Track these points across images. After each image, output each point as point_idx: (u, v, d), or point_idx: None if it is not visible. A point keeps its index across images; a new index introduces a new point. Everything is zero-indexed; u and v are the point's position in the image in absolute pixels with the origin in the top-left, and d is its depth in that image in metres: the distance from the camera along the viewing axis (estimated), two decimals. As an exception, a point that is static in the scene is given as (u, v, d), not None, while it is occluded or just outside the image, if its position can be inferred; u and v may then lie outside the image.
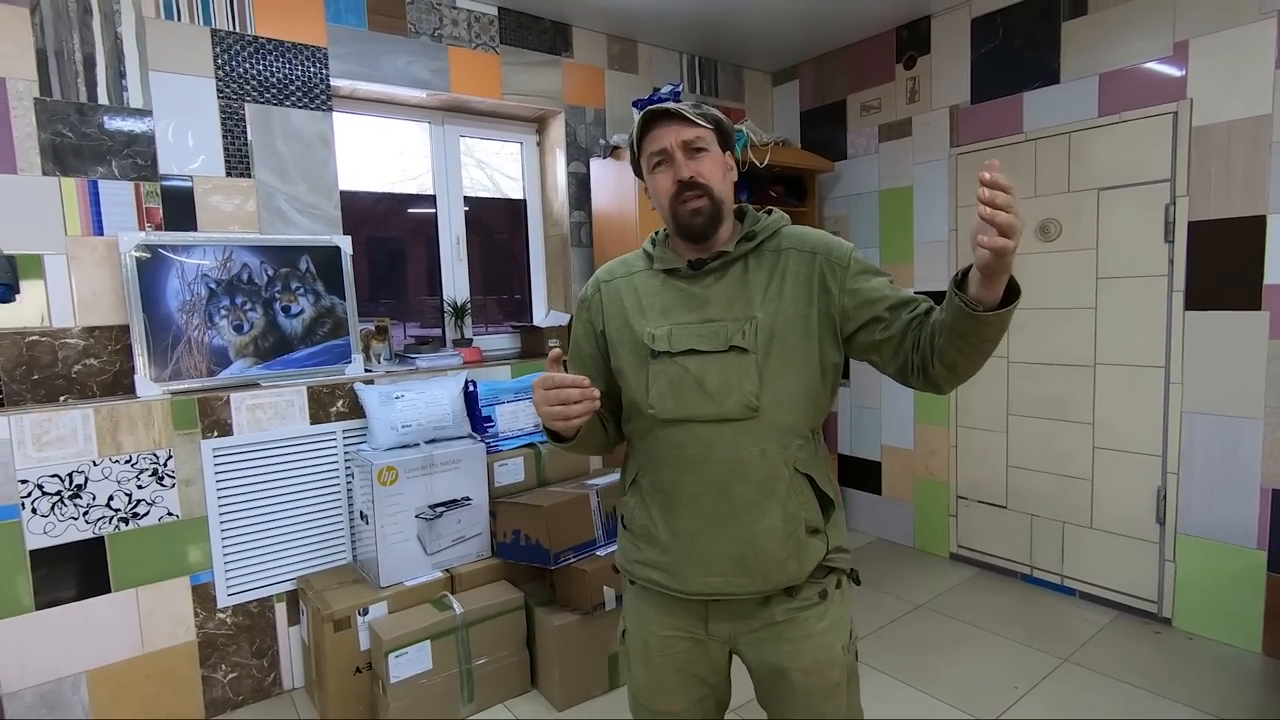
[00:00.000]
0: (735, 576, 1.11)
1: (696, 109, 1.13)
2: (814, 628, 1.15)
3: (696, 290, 1.15)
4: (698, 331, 1.12)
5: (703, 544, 1.12)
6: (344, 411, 2.43)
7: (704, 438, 1.10)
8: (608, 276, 1.26)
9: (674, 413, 1.12)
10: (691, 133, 1.12)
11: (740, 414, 1.09)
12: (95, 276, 2.12)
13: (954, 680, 2.32)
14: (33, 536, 1.95)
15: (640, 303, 1.18)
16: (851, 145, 3.57)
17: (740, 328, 1.10)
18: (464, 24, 2.82)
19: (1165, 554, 2.61)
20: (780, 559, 1.10)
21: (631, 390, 1.17)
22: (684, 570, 1.13)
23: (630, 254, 1.28)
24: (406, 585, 2.23)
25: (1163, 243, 2.54)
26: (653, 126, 1.13)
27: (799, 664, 1.15)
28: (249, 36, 2.35)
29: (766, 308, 1.11)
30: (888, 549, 3.48)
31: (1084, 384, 2.79)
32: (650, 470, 1.17)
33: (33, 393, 2.05)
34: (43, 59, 2.03)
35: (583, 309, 1.28)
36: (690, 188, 1.12)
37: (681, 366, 1.11)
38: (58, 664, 1.99)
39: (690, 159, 1.12)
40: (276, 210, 2.43)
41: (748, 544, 1.10)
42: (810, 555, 1.13)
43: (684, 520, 1.13)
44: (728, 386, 1.09)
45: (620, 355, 1.19)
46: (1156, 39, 2.51)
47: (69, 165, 2.08)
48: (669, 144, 1.12)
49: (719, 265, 1.14)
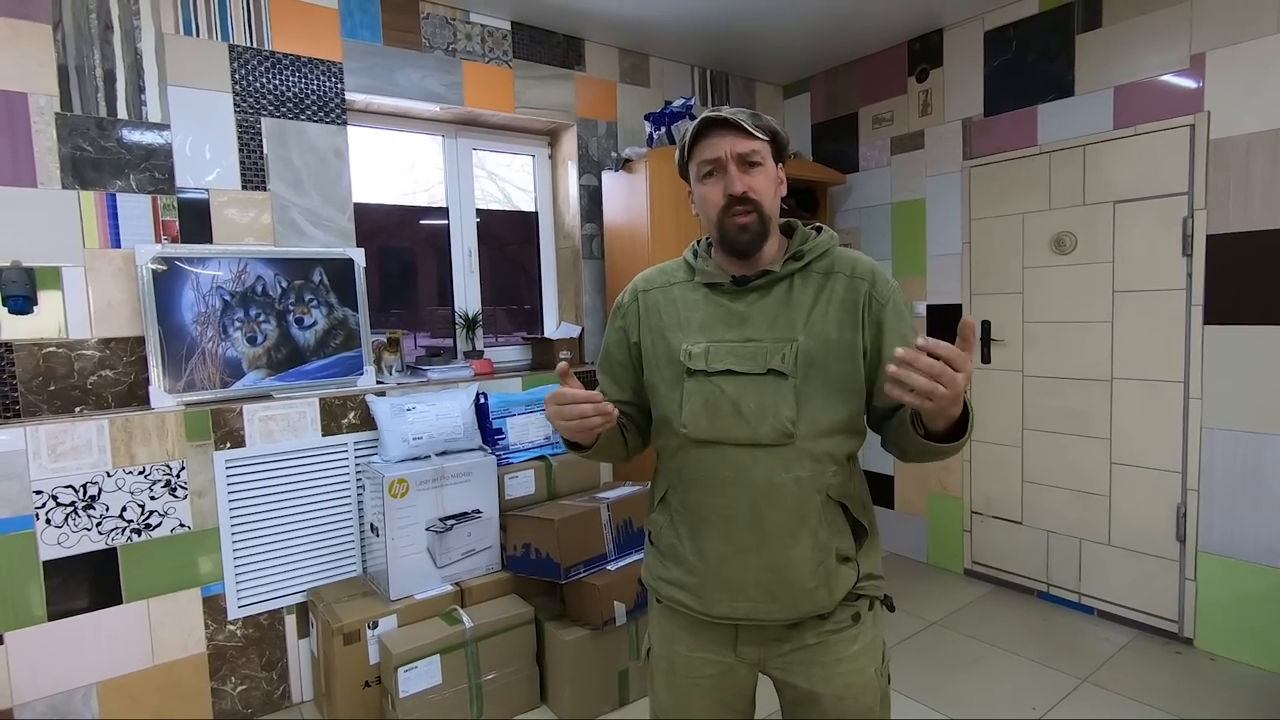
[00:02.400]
0: (763, 603, 1.08)
1: (755, 119, 1.08)
2: (846, 651, 1.12)
3: (738, 307, 1.11)
4: (736, 351, 1.08)
5: (731, 568, 1.09)
6: (355, 423, 2.43)
7: (736, 461, 1.07)
8: (646, 285, 1.22)
9: (707, 433, 1.09)
10: (748, 145, 1.07)
11: (775, 440, 1.05)
12: (112, 288, 2.14)
13: (970, 700, 2.28)
14: (46, 547, 1.95)
15: (679, 316, 1.15)
16: (863, 158, 3.56)
17: (780, 350, 1.07)
18: (477, 38, 2.85)
19: (1186, 572, 2.56)
20: (809, 588, 1.07)
21: (664, 406, 1.14)
22: (711, 593, 1.10)
23: (670, 262, 1.24)
24: (416, 598, 2.22)
25: (1180, 256, 2.51)
26: (708, 134, 1.09)
27: (831, 689, 1.11)
28: (266, 52, 2.38)
29: (810, 330, 1.08)
30: (900, 564, 3.44)
31: (1101, 399, 2.75)
32: (680, 489, 1.14)
33: (49, 403, 2.07)
34: (64, 74, 2.06)
35: (617, 315, 1.24)
36: (741, 202, 1.08)
37: (717, 387, 1.08)
38: (69, 675, 1.99)
39: (744, 172, 1.08)
40: (291, 223, 2.45)
41: (776, 572, 1.07)
42: (840, 584, 1.10)
43: (712, 543, 1.10)
44: (764, 410, 1.06)
45: (654, 369, 1.16)
46: (1173, 51, 2.49)
47: (88, 179, 2.10)
48: (723, 154, 1.07)
49: (764, 283, 1.11)
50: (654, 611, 1.25)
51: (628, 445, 1.23)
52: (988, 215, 3.07)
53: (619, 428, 1.20)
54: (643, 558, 1.28)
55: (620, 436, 1.20)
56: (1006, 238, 3.01)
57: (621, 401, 1.23)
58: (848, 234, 3.67)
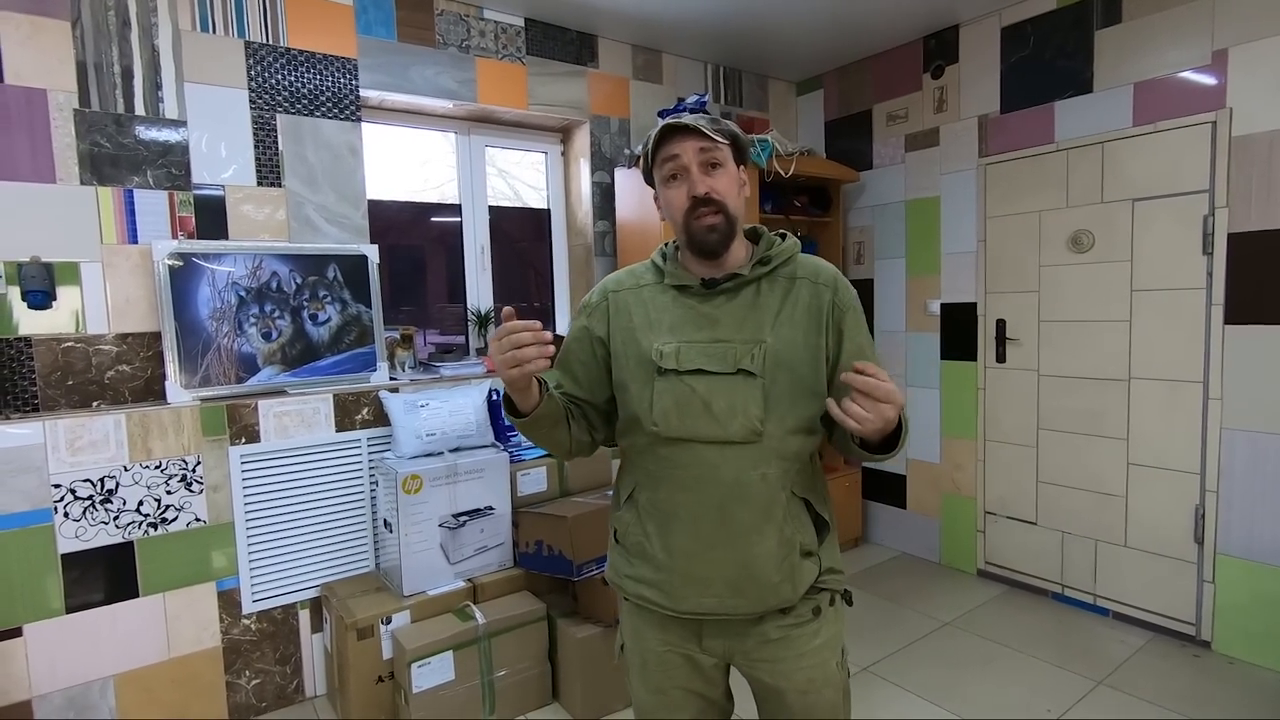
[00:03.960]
0: (729, 598, 1.11)
1: (715, 123, 1.11)
2: (808, 645, 1.16)
3: (707, 309, 1.14)
4: (706, 351, 1.11)
5: (699, 564, 1.12)
6: (369, 419, 2.44)
7: (706, 458, 1.10)
8: (616, 287, 1.23)
9: (677, 431, 1.11)
10: (709, 146, 1.10)
11: (744, 437, 1.09)
12: (129, 284, 2.15)
13: (984, 701, 2.26)
14: (64, 540, 1.97)
15: (649, 317, 1.17)
16: (877, 155, 3.54)
17: (749, 351, 1.10)
18: (491, 35, 2.85)
19: (1204, 574, 2.53)
20: (774, 582, 1.11)
21: (634, 405, 1.15)
22: (678, 589, 1.13)
23: (639, 265, 1.26)
24: (429, 594, 2.22)
25: (1201, 255, 2.48)
26: (670, 139, 1.11)
27: (794, 684, 1.15)
28: (281, 48, 2.38)
29: (777, 333, 1.11)
30: (913, 564, 3.42)
31: (1118, 399, 2.72)
32: (648, 487, 1.16)
33: (67, 398, 2.08)
34: (82, 71, 2.07)
35: (583, 314, 1.24)
36: (705, 204, 1.10)
37: (688, 386, 1.10)
38: (86, 667, 2.01)
39: (706, 174, 1.11)
40: (305, 219, 2.45)
41: (743, 567, 1.10)
42: (803, 578, 1.14)
43: (680, 539, 1.12)
44: (733, 409, 1.09)
45: (624, 368, 1.17)
46: (1194, 47, 2.46)
47: (106, 175, 2.11)
48: (686, 158, 1.10)
49: (732, 286, 1.13)
50: (623, 609, 1.27)
51: (571, 435, 1.19)
52: (1004, 213, 3.04)
53: (565, 412, 1.17)
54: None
55: (565, 421, 1.17)
56: (1023, 236, 2.98)
57: (575, 396, 1.22)
58: (861, 232, 3.65)
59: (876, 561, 3.47)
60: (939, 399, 3.34)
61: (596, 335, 1.21)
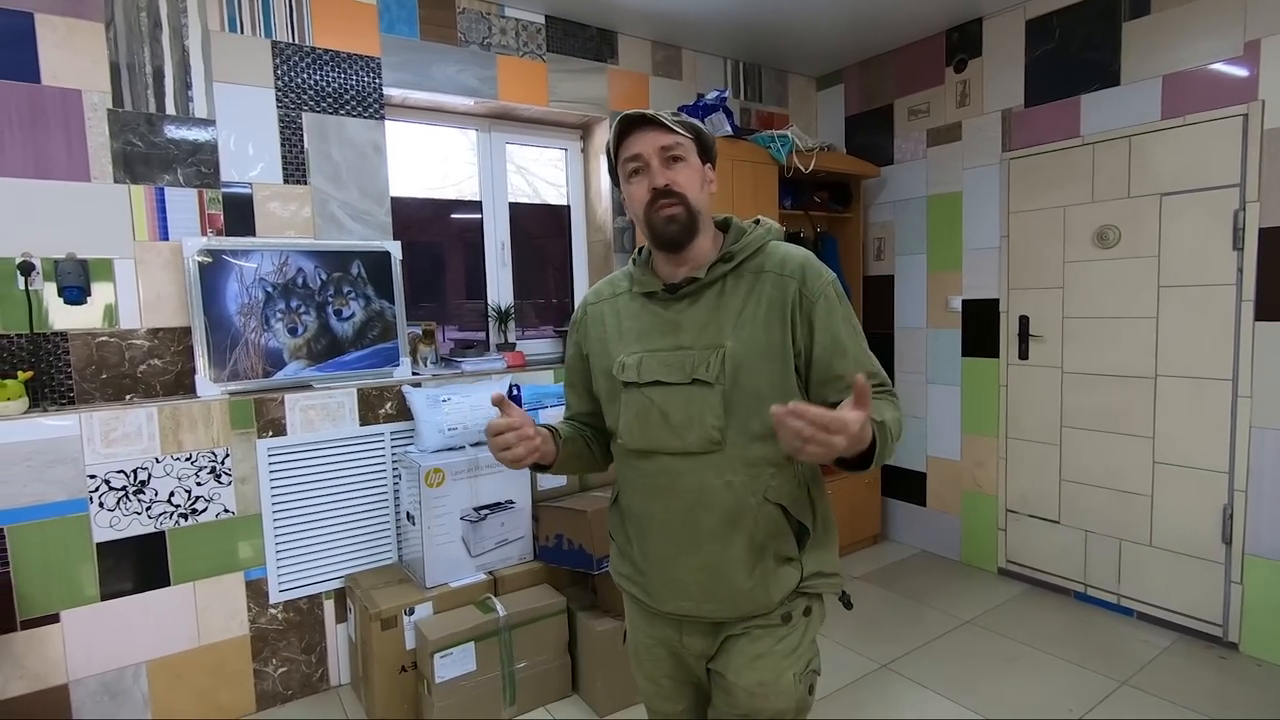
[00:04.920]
0: (704, 602, 1.12)
1: (675, 116, 1.10)
2: (766, 648, 1.12)
3: (671, 315, 1.12)
4: (666, 361, 1.10)
5: (673, 569, 1.13)
6: (392, 414, 2.47)
7: (670, 468, 1.10)
8: (595, 299, 1.25)
9: (641, 443, 1.12)
10: (669, 139, 1.08)
11: (703, 448, 1.07)
12: (160, 280, 2.20)
13: (1006, 700, 2.25)
14: (99, 530, 2.02)
15: (620, 327, 1.17)
16: (898, 150, 3.51)
17: (706, 358, 1.07)
18: (512, 33, 2.86)
19: (1231, 575, 2.49)
20: (745, 588, 1.09)
21: (608, 416, 1.19)
22: (657, 591, 1.16)
23: (619, 273, 1.26)
24: (451, 586, 2.25)
25: (1231, 250, 2.44)
26: (630, 133, 1.10)
27: (744, 681, 1.12)
28: (307, 48, 2.42)
29: (739, 334, 1.07)
30: (933, 562, 3.40)
31: (1144, 396, 2.69)
32: (626, 493, 1.19)
33: (101, 391, 2.14)
34: (115, 72, 2.12)
35: (572, 331, 1.29)
36: (665, 195, 1.08)
37: (648, 398, 1.10)
38: (120, 653, 2.06)
39: (666, 167, 1.08)
40: (330, 216, 2.49)
41: (713, 572, 1.10)
42: (779, 584, 1.10)
43: (654, 545, 1.15)
44: (690, 420, 1.07)
45: (598, 381, 1.20)
46: (1225, 39, 2.41)
47: (138, 173, 2.16)
48: (645, 151, 1.08)
49: (693, 290, 1.11)
50: (624, 600, 1.31)
51: (594, 455, 1.27)
52: (1027, 208, 3.00)
53: (584, 441, 1.24)
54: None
55: (588, 449, 1.25)
56: (1047, 231, 2.94)
57: (584, 414, 1.28)
58: (882, 227, 3.63)
59: (896, 559, 3.46)
60: (960, 396, 3.31)
61: (583, 351, 1.25)
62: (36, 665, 1.96)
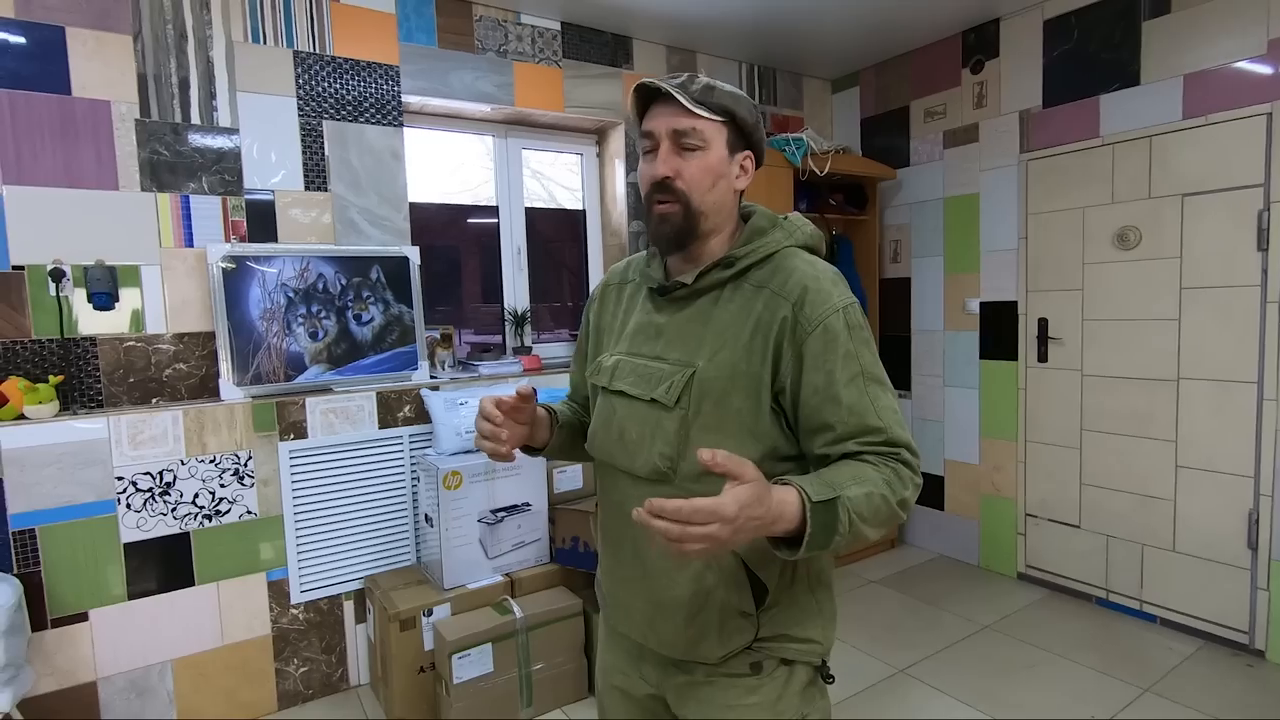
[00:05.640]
0: (649, 632, 1.00)
1: (706, 92, 0.91)
2: (738, 700, 0.96)
3: (659, 319, 0.99)
4: (640, 370, 0.97)
5: (624, 592, 1.03)
6: (410, 417, 2.50)
7: (621, 488, 0.99)
8: (609, 279, 1.14)
9: (600, 454, 1.03)
10: (687, 123, 0.90)
11: (649, 474, 0.93)
12: (185, 286, 2.25)
13: (1026, 706, 2.22)
14: (126, 530, 2.07)
15: (618, 320, 1.07)
16: (915, 152, 3.49)
17: (671, 377, 0.92)
18: (528, 39, 2.89)
19: (1258, 581, 2.45)
20: (687, 635, 0.95)
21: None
22: (613, 611, 1.07)
23: (640, 254, 1.10)
24: (469, 588, 2.27)
25: (1255, 251, 2.40)
26: (654, 107, 0.94)
27: None
28: (328, 57, 2.46)
29: (718, 357, 0.91)
30: (951, 567, 3.37)
31: (1166, 399, 2.65)
32: (599, 503, 1.10)
33: (128, 395, 2.18)
34: (143, 83, 2.17)
35: (589, 305, 1.17)
36: (662, 189, 0.92)
37: (611, 407, 1.00)
38: (146, 652, 2.11)
39: (676, 154, 0.91)
40: (350, 222, 2.53)
41: (656, 607, 0.97)
42: (728, 638, 0.94)
43: (611, 562, 1.06)
44: (642, 441, 0.94)
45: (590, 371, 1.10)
46: (1248, 37, 2.38)
47: (164, 182, 2.21)
48: (658, 130, 0.92)
49: (684, 294, 0.96)
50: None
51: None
52: (1046, 210, 2.98)
53: (583, 427, 1.14)
54: None
55: (581, 435, 1.14)
56: (1066, 233, 2.92)
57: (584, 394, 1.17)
58: (898, 230, 3.61)
59: (914, 563, 3.43)
60: (978, 399, 3.29)
61: (592, 327, 1.14)
62: (66, 663, 2.00)
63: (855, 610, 2.94)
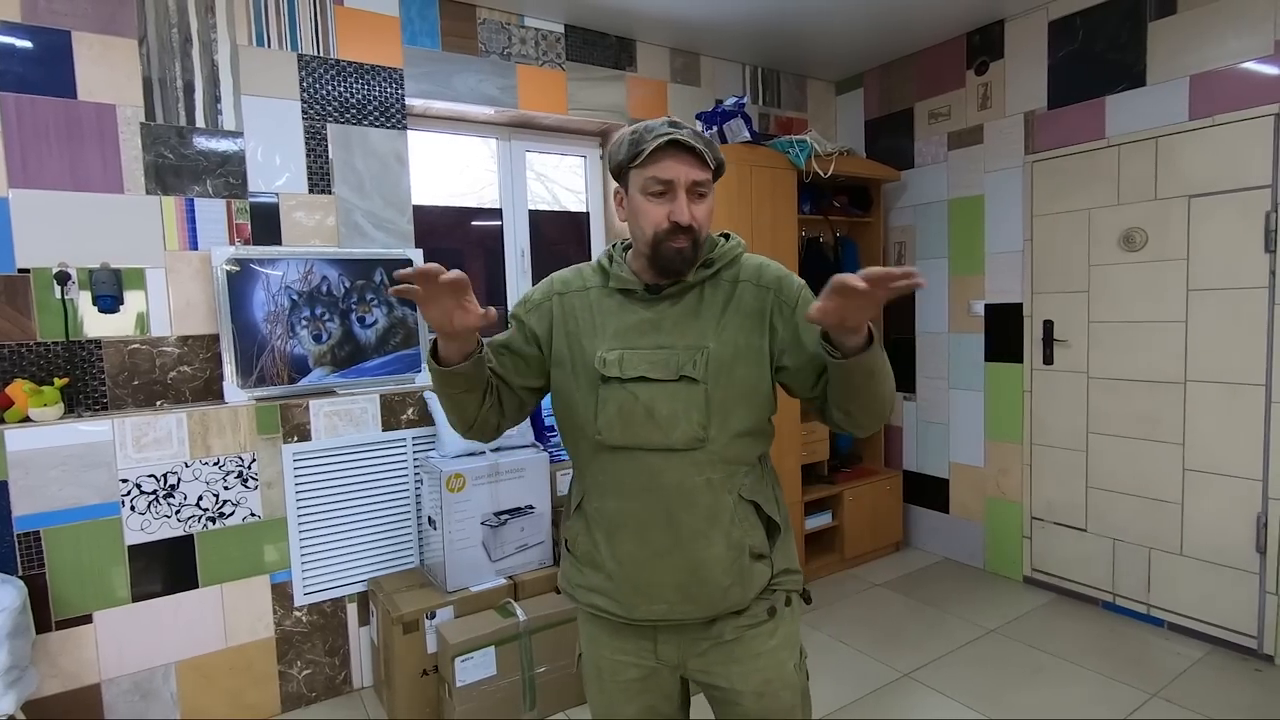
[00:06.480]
0: (680, 604, 1.11)
1: (710, 150, 1.10)
2: (764, 646, 1.16)
3: (651, 315, 1.14)
4: (649, 358, 1.11)
5: (648, 572, 1.11)
6: (414, 419, 2.50)
7: (651, 466, 1.10)
8: (563, 288, 1.21)
9: (622, 440, 1.11)
10: (702, 175, 1.10)
11: (687, 444, 1.09)
12: (190, 289, 2.25)
13: (1032, 710, 2.21)
14: (130, 532, 2.07)
15: (594, 322, 1.16)
16: (919, 154, 3.48)
17: (691, 357, 1.10)
18: (532, 42, 2.89)
19: (1266, 585, 2.43)
20: (724, 586, 1.11)
21: (579, 413, 1.14)
22: (629, 597, 1.13)
23: (585, 265, 1.25)
24: (472, 590, 2.27)
25: (1263, 253, 2.38)
26: (666, 153, 1.07)
27: (750, 685, 1.14)
28: (332, 60, 2.47)
29: (720, 337, 1.11)
30: (956, 570, 3.35)
31: (1173, 402, 2.63)
32: (596, 495, 1.16)
33: (133, 397, 2.19)
34: (148, 86, 2.18)
35: (521, 307, 1.20)
36: (685, 231, 1.08)
37: (631, 393, 1.10)
38: (150, 654, 2.11)
39: (694, 202, 1.10)
40: (354, 225, 2.53)
41: (692, 572, 1.10)
42: (754, 581, 1.14)
43: (629, 547, 1.12)
44: (675, 416, 1.09)
45: (567, 374, 1.15)
46: (1255, 37, 2.37)
47: (169, 185, 2.22)
48: (678, 179, 1.08)
49: (676, 291, 1.14)
50: (579, 618, 1.27)
51: (481, 408, 1.14)
52: (1051, 211, 2.97)
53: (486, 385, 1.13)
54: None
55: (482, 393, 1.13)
56: (1071, 234, 2.90)
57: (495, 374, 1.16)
58: (902, 231, 3.60)
59: (918, 566, 3.42)
60: (983, 401, 3.27)
61: (531, 330, 1.18)
62: (70, 665, 2.01)
63: (859, 613, 2.93)
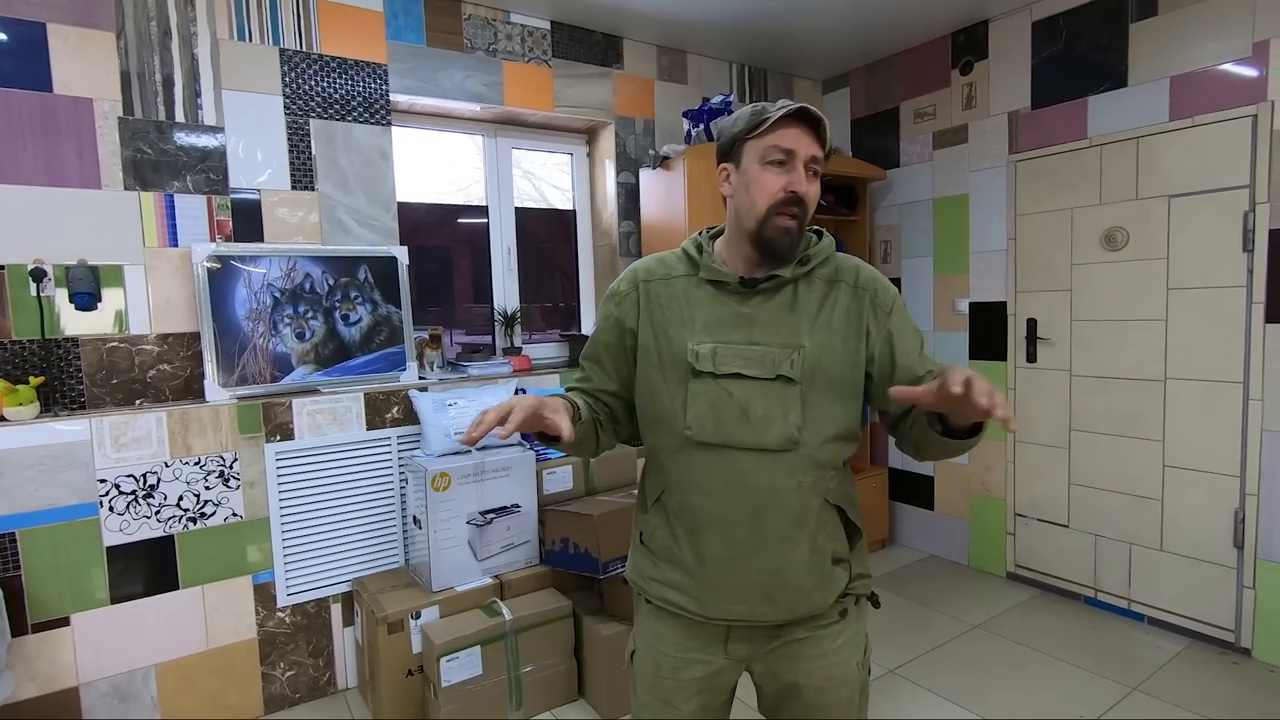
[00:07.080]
0: (760, 605, 1.10)
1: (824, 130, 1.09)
2: (832, 645, 1.15)
3: (745, 309, 1.10)
4: (744, 354, 1.07)
5: (730, 572, 1.09)
6: (399, 418, 2.48)
7: (741, 465, 1.07)
8: (647, 276, 1.18)
9: (713, 436, 1.07)
10: (819, 153, 1.08)
11: (781, 445, 1.05)
12: (169, 286, 2.22)
13: (1015, 705, 2.23)
14: (109, 533, 2.04)
15: (683, 312, 1.12)
16: (904, 153, 3.50)
17: (788, 356, 1.06)
18: (518, 38, 2.88)
19: (1244, 580, 2.47)
20: (806, 590, 1.10)
21: (664, 405, 1.11)
22: (708, 596, 1.11)
23: (668, 253, 1.21)
24: (457, 590, 2.26)
25: (1241, 252, 2.42)
26: (791, 124, 1.06)
27: (813, 681, 1.14)
28: (315, 55, 2.44)
29: (815, 337, 1.08)
30: (941, 566, 3.38)
31: (1153, 399, 2.67)
32: (679, 491, 1.12)
33: (111, 396, 2.16)
34: (126, 80, 2.14)
35: (612, 302, 1.20)
36: (797, 203, 1.06)
37: (725, 389, 1.07)
38: (130, 656, 2.08)
39: (808, 180, 1.08)
40: (338, 222, 2.51)
41: (775, 575, 1.08)
42: (834, 585, 1.13)
43: (712, 546, 1.09)
44: (771, 416, 1.06)
45: (654, 365, 1.13)
46: (1234, 39, 2.40)
47: (148, 180, 2.18)
48: (800, 151, 1.06)
49: (771, 286, 1.10)
50: (641, 611, 1.24)
51: (599, 442, 1.20)
52: (1034, 210, 2.99)
53: (595, 425, 1.18)
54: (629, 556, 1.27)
55: (595, 433, 1.18)
56: (1054, 234, 2.93)
57: (606, 392, 1.20)
58: (888, 230, 3.62)
59: (904, 563, 3.44)
60: (968, 399, 3.29)
61: (627, 326, 1.17)
62: (47, 668, 1.97)
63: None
